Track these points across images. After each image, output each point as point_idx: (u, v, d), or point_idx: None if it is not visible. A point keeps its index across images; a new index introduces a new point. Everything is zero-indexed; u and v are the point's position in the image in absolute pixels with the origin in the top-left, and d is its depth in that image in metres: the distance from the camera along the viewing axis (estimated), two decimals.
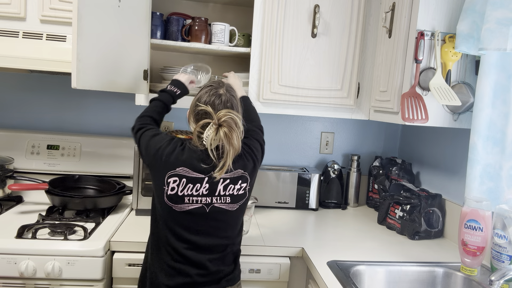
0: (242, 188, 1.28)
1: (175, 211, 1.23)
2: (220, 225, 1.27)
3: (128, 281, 1.52)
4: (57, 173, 1.98)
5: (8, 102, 2.10)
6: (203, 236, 1.25)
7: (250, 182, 1.30)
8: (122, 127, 2.17)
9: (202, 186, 1.22)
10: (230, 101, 1.26)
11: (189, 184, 1.22)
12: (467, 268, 1.39)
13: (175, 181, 1.22)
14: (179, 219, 1.24)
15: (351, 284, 1.26)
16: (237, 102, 1.29)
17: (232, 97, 1.28)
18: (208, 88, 1.29)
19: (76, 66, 1.31)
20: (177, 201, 1.22)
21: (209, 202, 1.24)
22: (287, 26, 1.79)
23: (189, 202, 1.23)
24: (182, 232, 1.24)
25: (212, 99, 1.24)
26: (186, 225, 1.24)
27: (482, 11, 1.37)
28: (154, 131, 1.31)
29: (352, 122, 2.33)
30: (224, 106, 1.24)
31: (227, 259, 1.30)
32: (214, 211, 1.25)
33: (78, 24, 1.30)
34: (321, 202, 2.19)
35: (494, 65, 1.38)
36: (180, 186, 1.22)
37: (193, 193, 1.22)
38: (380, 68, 1.78)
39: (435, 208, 1.77)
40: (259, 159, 1.34)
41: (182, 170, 1.22)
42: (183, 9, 2.08)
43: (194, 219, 1.24)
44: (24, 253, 1.41)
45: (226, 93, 1.27)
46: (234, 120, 1.20)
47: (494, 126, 1.40)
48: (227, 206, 1.26)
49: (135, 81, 1.62)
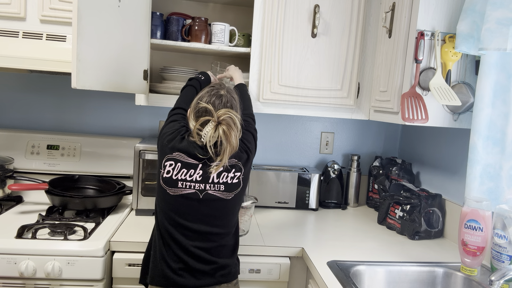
0: (236, 177, 1.30)
1: (170, 195, 1.27)
2: (213, 212, 1.28)
3: (128, 281, 1.52)
4: (57, 173, 1.98)
5: (8, 102, 2.10)
6: (196, 223, 1.27)
7: (244, 172, 1.32)
8: (122, 127, 2.17)
9: (195, 172, 1.26)
10: (230, 102, 1.31)
11: (183, 169, 1.26)
12: (467, 268, 1.39)
13: (171, 165, 1.26)
14: (173, 203, 1.27)
15: (351, 284, 1.26)
16: (237, 104, 1.34)
17: (233, 99, 1.33)
18: (209, 88, 1.34)
19: (76, 66, 1.32)
20: (172, 184, 1.26)
21: (202, 188, 1.27)
22: (287, 26, 1.79)
23: (183, 186, 1.26)
24: (175, 217, 1.27)
25: (213, 99, 1.29)
26: (179, 210, 1.27)
27: (482, 11, 1.37)
28: (172, 119, 1.37)
29: (352, 122, 2.33)
30: (224, 107, 1.29)
31: (223, 252, 1.30)
32: (207, 198, 1.27)
33: (78, 24, 1.30)
34: (321, 202, 2.19)
35: (494, 65, 1.38)
36: (175, 170, 1.26)
37: (186, 178, 1.26)
38: (380, 68, 1.78)
39: (435, 208, 1.77)
40: (252, 150, 1.38)
41: (178, 155, 1.26)
42: (183, 9, 2.08)
43: (187, 204, 1.27)
44: (24, 253, 1.41)
45: (226, 94, 1.32)
46: (233, 119, 1.25)
47: (494, 126, 1.40)
48: (221, 194, 1.28)
49: (135, 81, 1.62)
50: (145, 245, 1.41)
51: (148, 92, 1.73)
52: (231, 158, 1.29)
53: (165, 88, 1.83)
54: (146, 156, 1.79)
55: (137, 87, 1.64)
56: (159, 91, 1.84)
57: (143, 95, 1.76)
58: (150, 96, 1.79)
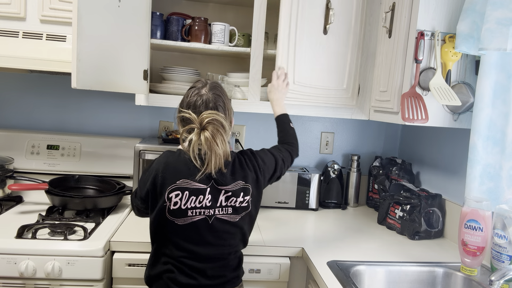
0: (245, 200, 1.25)
1: (177, 225, 1.21)
2: (222, 235, 1.24)
3: (128, 281, 1.52)
4: (57, 173, 1.98)
5: (8, 102, 2.10)
6: (205, 247, 1.23)
7: (253, 194, 1.26)
8: (122, 127, 2.17)
9: (205, 197, 1.20)
10: (213, 101, 1.20)
11: (192, 197, 1.19)
12: (467, 268, 1.39)
13: (177, 195, 1.18)
14: (181, 231, 1.22)
15: (351, 284, 1.26)
16: (224, 101, 1.24)
17: (217, 96, 1.22)
18: (190, 89, 1.25)
19: (76, 66, 1.31)
20: (180, 215, 1.20)
21: (211, 214, 1.21)
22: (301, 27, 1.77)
23: (192, 214, 1.20)
24: (184, 243, 1.22)
25: (193, 100, 1.20)
26: (188, 237, 1.22)
27: (482, 11, 1.37)
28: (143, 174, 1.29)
29: (352, 122, 2.33)
30: (206, 107, 1.19)
31: (230, 265, 1.29)
32: (216, 222, 1.23)
33: (78, 24, 1.30)
34: (321, 202, 2.19)
35: (494, 65, 1.38)
36: (183, 200, 1.19)
37: (196, 206, 1.19)
38: (380, 68, 1.78)
39: (435, 208, 1.77)
40: (263, 173, 1.30)
41: (183, 182, 1.19)
42: (183, 9, 2.08)
43: (197, 231, 1.22)
44: (24, 253, 1.41)
45: (207, 92, 1.22)
46: (218, 121, 1.16)
47: (494, 126, 1.40)
48: (229, 217, 1.24)
49: (135, 81, 1.62)
50: (145, 245, 1.40)
51: (148, 92, 1.73)
52: (238, 180, 1.22)
53: (165, 88, 1.83)
54: (146, 156, 1.79)
55: (137, 87, 1.64)
56: (159, 91, 1.84)
57: (143, 95, 1.76)
58: (150, 96, 1.79)
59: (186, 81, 1.88)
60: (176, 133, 1.98)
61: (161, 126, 2.19)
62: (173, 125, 2.20)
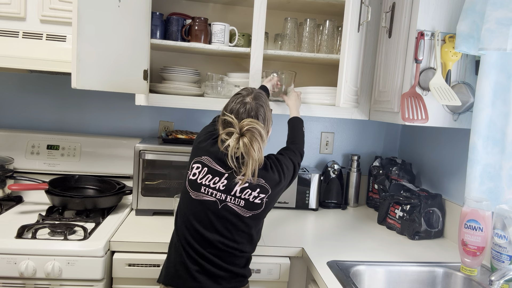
0: (260, 198, 1.27)
1: (191, 198, 1.27)
2: (229, 226, 1.26)
3: (128, 281, 1.52)
4: (57, 173, 1.98)
5: (8, 102, 2.10)
6: (210, 232, 1.25)
7: (270, 195, 1.29)
8: (122, 127, 2.17)
9: (220, 181, 1.25)
10: (254, 110, 1.27)
11: (208, 175, 1.26)
12: (467, 268, 1.39)
13: (197, 168, 1.27)
14: (193, 207, 1.26)
15: (351, 284, 1.26)
16: (265, 111, 1.30)
17: (259, 106, 1.29)
18: (236, 96, 1.32)
19: (76, 66, 1.32)
20: (195, 187, 1.26)
21: (223, 199, 1.25)
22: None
23: (205, 192, 1.25)
24: (193, 221, 1.26)
25: (237, 107, 1.27)
26: (197, 215, 1.26)
27: (482, 11, 1.37)
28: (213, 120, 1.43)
29: (352, 122, 2.33)
30: (248, 115, 1.26)
31: (236, 262, 1.29)
32: (225, 210, 1.25)
33: (78, 24, 1.30)
34: (321, 202, 2.19)
35: (494, 65, 1.38)
36: (201, 174, 1.26)
37: (210, 185, 1.25)
38: (380, 68, 1.78)
39: (435, 208, 1.77)
40: (287, 178, 1.34)
41: (206, 159, 1.26)
42: (183, 9, 2.08)
43: (205, 211, 1.25)
44: (24, 253, 1.41)
45: (251, 101, 1.28)
46: (257, 129, 1.22)
47: (494, 126, 1.40)
48: (240, 210, 1.26)
49: (135, 81, 1.62)
50: (145, 245, 1.41)
51: (148, 92, 1.73)
52: (259, 177, 1.26)
53: (165, 88, 1.83)
54: (146, 156, 1.79)
55: (137, 87, 1.64)
56: (159, 91, 1.84)
57: (143, 95, 1.76)
58: (150, 96, 1.79)
59: (186, 81, 1.88)
60: (176, 133, 1.98)
61: (161, 126, 2.19)
62: (173, 125, 2.20)
